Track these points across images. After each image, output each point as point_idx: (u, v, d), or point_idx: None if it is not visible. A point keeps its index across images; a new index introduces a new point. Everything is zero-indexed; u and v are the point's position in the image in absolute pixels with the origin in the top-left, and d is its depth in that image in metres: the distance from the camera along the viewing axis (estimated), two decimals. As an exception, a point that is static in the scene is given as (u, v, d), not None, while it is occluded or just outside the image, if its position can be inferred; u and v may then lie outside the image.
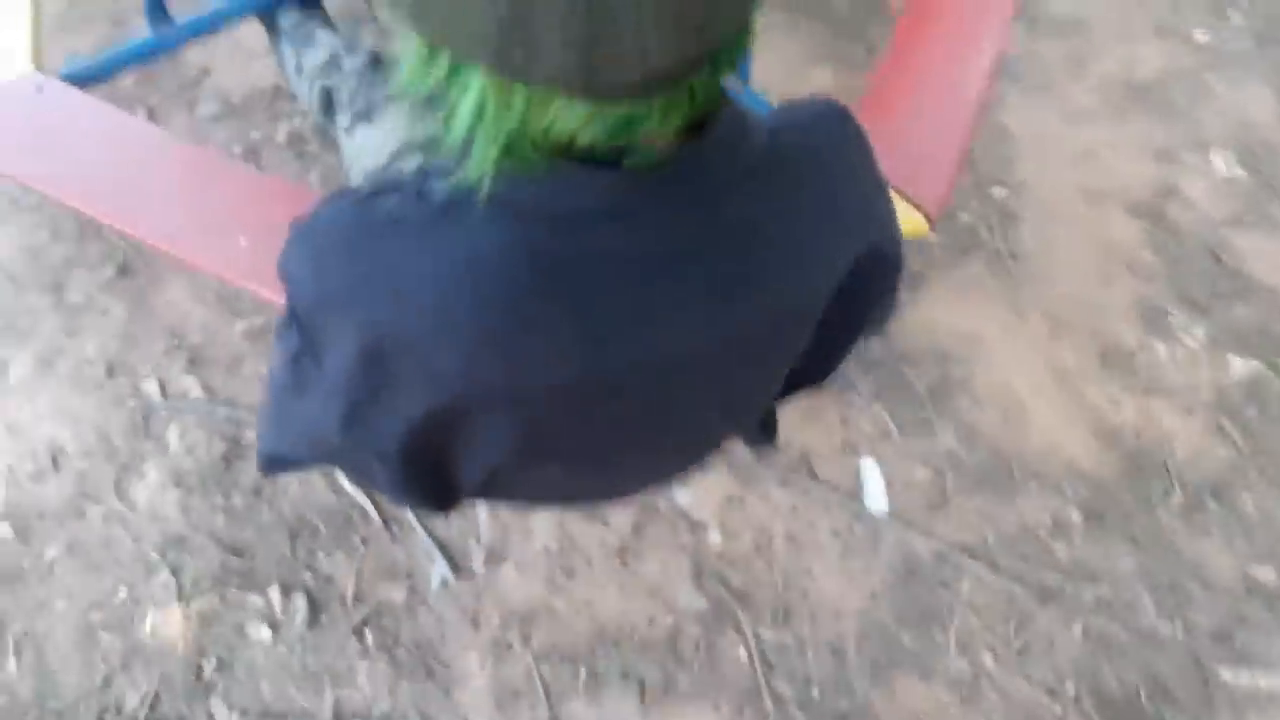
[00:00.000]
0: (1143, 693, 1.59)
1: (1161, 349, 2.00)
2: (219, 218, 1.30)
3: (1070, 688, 1.60)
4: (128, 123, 1.40)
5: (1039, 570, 1.70)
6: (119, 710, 1.44)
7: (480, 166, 0.57)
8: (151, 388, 1.71)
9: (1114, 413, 1.91)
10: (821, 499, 1.74)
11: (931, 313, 2.01)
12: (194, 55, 2.17)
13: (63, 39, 2.16)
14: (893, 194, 1.42)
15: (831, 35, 2.42)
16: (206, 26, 1.53)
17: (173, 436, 1.67)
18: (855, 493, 1.77)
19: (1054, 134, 2.34)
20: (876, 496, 1.77)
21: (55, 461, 1.64)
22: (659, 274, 0.64)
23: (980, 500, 1.78)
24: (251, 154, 2.03)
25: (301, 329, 0.71)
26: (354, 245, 0.64)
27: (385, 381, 0.70)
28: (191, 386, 1.71)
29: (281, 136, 2.05)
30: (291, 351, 0.75)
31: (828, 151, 0.71)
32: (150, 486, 1.62)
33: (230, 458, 1.66)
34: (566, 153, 0.58)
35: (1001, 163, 2.27)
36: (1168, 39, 2.60)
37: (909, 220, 1.42)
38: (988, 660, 1.63)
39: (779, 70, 2.31)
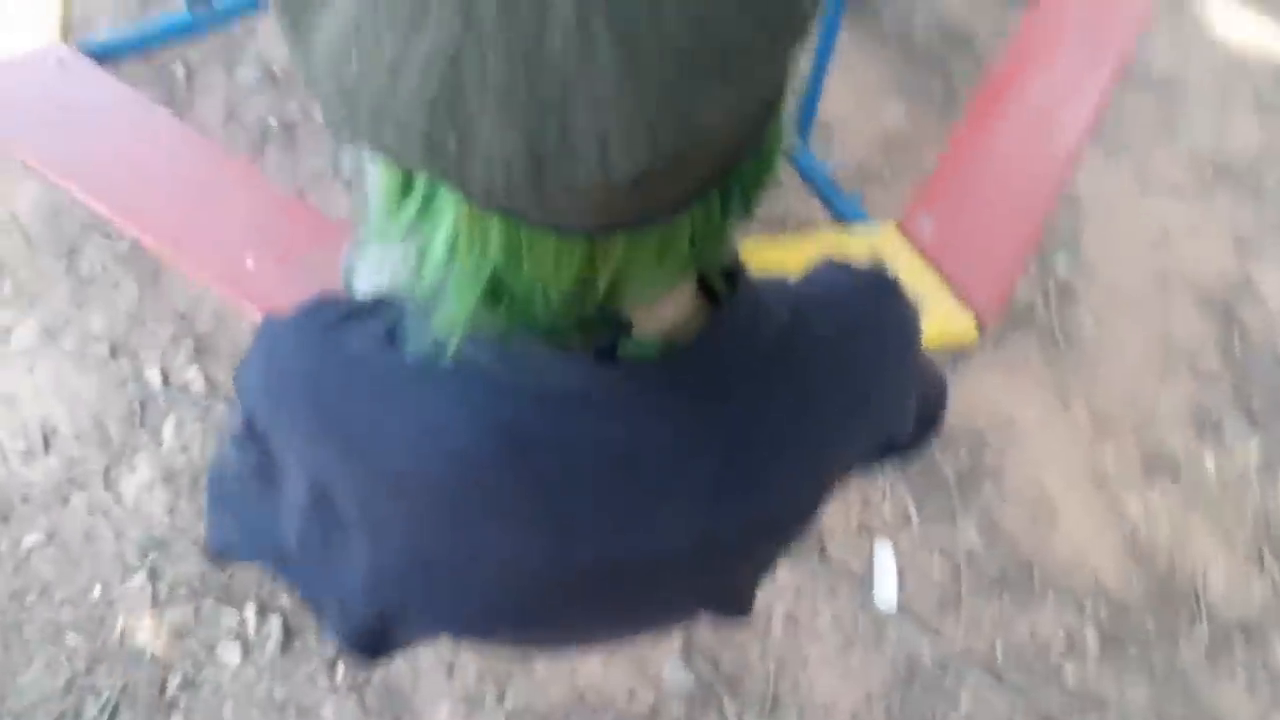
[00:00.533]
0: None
1: (1210, 461, 1.90)
2: (228, 232, 1.23)
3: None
4: (148, 111, 1.33)
5: (1045, 690, 1.62)
6: (77, 716, 1.41)
7: (455, 318, 0.48)
8: (153, 374, 1.66)
9: (1149, 527, 1.81)
10: (828, 582, 1.67)
11: (971, 388, 1.92)
12: (243, 13, 2.08)
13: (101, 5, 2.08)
14: (944, 292, 1.34)
15: (908, 66, 2.29)
16: (243, 8, 1.45)
17: (168, 430, 1.62)
18: (865, 579, 1.69)
19: (1129, 205, 2.21)
20: (886, 587, 1.70)
21: (47, 442, 1.59)
22: (646, 469, 0.57)
23: (995, 605, 1.70)
24: (286, 129, 1.95)
25: (259, 446, 0.66)
26: (311, 383, 0.59)
27: (336, 525, 0.66)
28: (194, 378, 1.66)
29: (319, 114, 1.97)
30: (250, 464, 0.71)
31: (862, 343, 0.62)
32: (139, 481, 1.58)
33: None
34: (553, 335, 0.50)
35: (1067, 230, 2.15)
36: (1268, 115, 2.45)
37: (957, 324, 1.33)
38: (979, 781, 1.56)
39: (848, 100, 2.19)
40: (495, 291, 0.46)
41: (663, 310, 0.53)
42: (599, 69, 0.35)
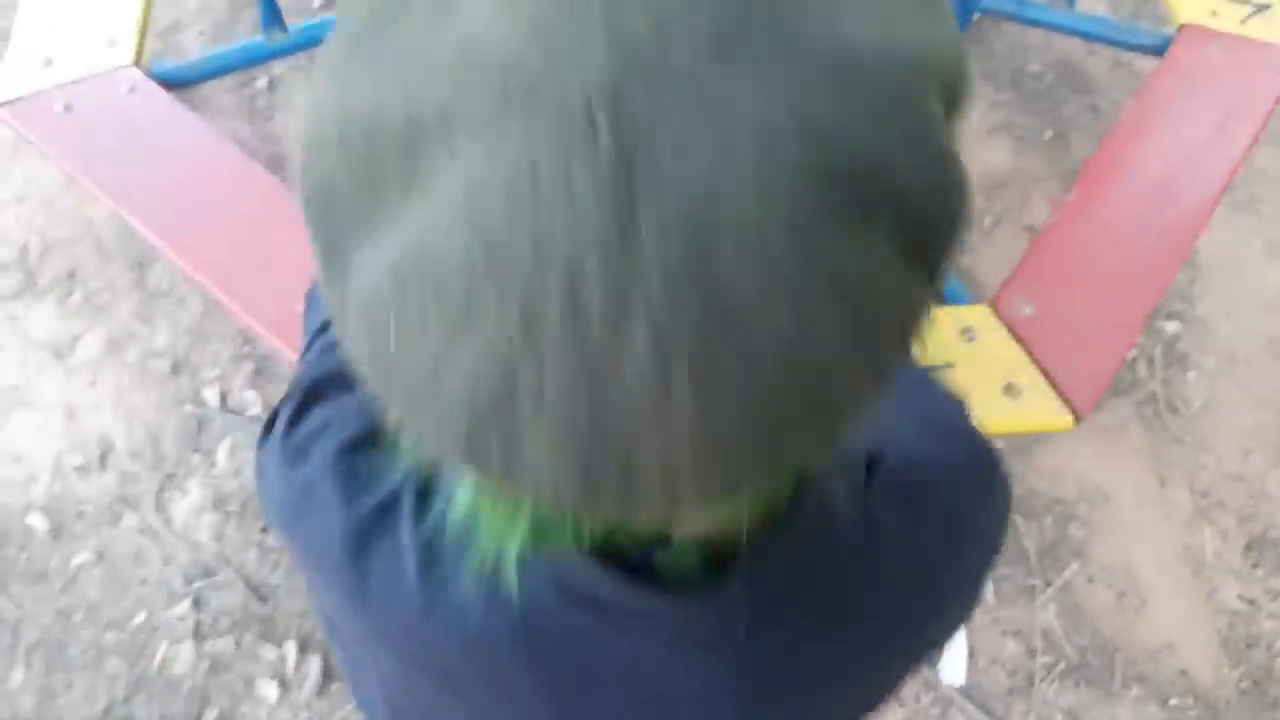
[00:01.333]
0: None
1: (1323, 552, 1.75)
2: (283, 276, 1.20)
3: None
4: (214, 144, 1.31)
5: (1120, 794, 1.52)
6: (114, 744, 1.42)
7: (482, 553, 0.44)
8: (212, 395, 1.65)
9: (1249, 621, 1.68)
10: (890, 658, 1.58)
11: (1060, 454, 1.80)
12: (327, 22, 2.08)
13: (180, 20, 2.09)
14: (1039, 380, 1.24)
15: (1019, 105, 2.17)
16: (322, 38, 1.42)
17: (222, 453, 1.61)
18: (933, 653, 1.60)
19: (1252, 267, 2.05)
20: (954, 668, 1.60)
21: (103, 457, 1.60)
22: (666, 699, 0.51)
23: (1070, 695, 1.59)
24: (363, 145, 1.93)
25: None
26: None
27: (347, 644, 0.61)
28: (252, 402, 1.65)
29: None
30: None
31: (946, 557, 0.54)
32: (190, 504, 1.58)
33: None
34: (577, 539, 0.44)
35: (1181, 290, 2.01)
36: None
37: (1051, 415, 1.23)
38: None
39: (948, 137, 2.08)
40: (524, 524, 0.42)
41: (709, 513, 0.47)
42: (674, 407, 0.29)
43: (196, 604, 1.51)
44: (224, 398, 1.66)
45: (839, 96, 0.29)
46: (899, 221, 0.31)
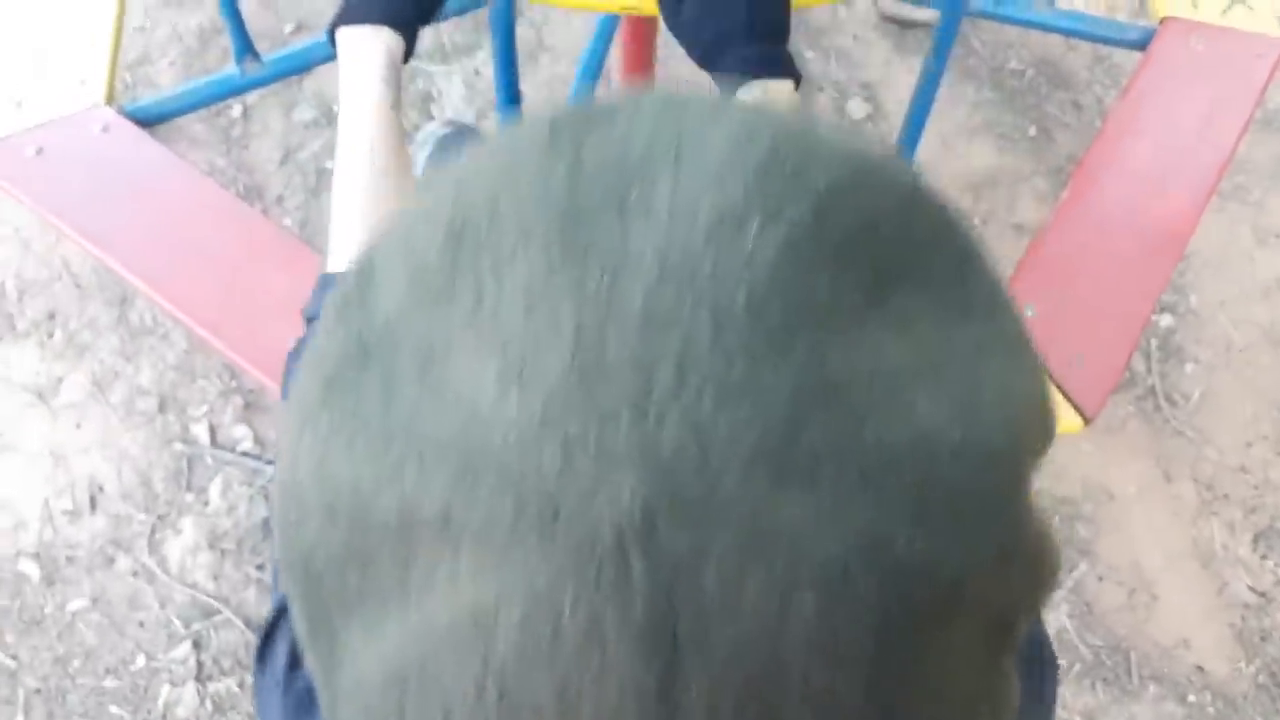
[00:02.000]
0: None
1: (1331, 540, 1.76)
2: (266, 310, 1.19)
3: None
4: (192, 181, 1.30)
5: (1142, 795, 1.51)
6: (117, 795, 1.39)
7: None
8: (201, 431, 1.64)
9: (1261, 613, 1.68)
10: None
11: (1064, 454, 1.80)
12: (302, 48, 2.06)
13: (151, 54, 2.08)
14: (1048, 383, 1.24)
15: (1001, 105, 2.18)
16: (296, 67, 1.41)
17: (214, 491, 1.59)
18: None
19: (1243, 256, 2.06)
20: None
21: (93, 501, 1.58)
22: None
23: (1088, 696, 1.59)
24: (345, 171, 1.92)
25: None
26: None
27: None
28: (243, 437, 1.63)
29: None
30: None
31: None
32: (185, 544, 1.56)
33: (271, 525, 1.57)
34: None
35: (1173, 282, 2.01)
36: (1398, 149, 2.27)
37: (1061, 416, 1.22)
38: None
39: (933, 140, 2.09)
40: None
41: None
42: None
43: (197, 645, 1.49)
44: (213, 434, 1.64)
45: (920, 516, 0.25)
46: (985, 621, 0.28)
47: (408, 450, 0.25)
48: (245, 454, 1.62)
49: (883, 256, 0.27)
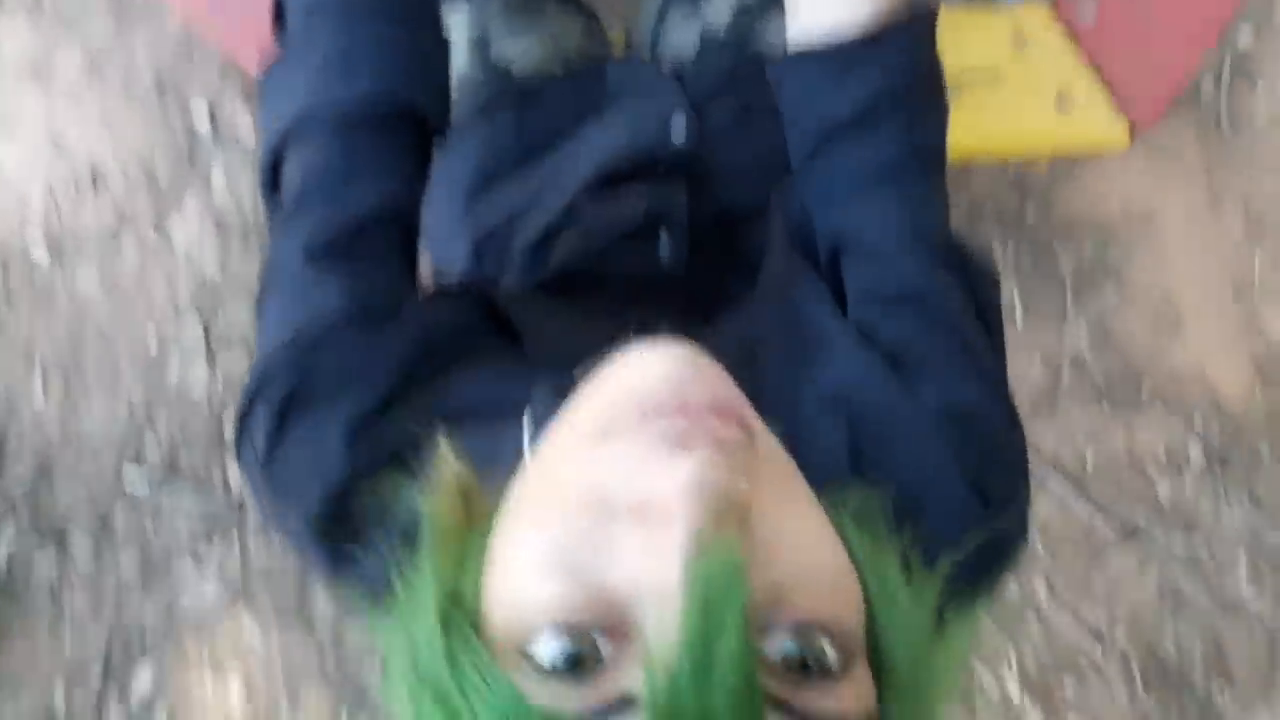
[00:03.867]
0: (1199, 662, 1.51)
1: (1377, 276, 1.71)
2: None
3: (1120, 637, 1.52)
4: None
5: (1132, 505, 1.57)
6: (139, 459, 1.49)
7: None
8: (201, 115, 1.61)
9: (1287, 345, 1.66)
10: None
11: (1109, 177, 1.73)
12: None
13: None
14: (1096, 90, 1.15)
15: None
16: None
17: (217, 174, 1.59)
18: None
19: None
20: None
21: (95, 184, 1.59)
22: None
23: (1093, 414, 1.62)
24: None
25: None
26: None
27: None
28: (244, 122, 1.61)
29: None
30: None
31: None
32: (189, 225, 1.57)
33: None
34: None
35: (1261, -7, 1.85)
36: None
37: (1107, 129, 1.16)
38: (1040, 590, 1.55)
39: None
40: None
41: None
42: None
43: (206, 322, 1.54)
44: (214, 116, 1.61)
45: None
46: None
47: None
48: (247, 139, 1.60)
49: None
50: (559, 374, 0.50)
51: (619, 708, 0.32)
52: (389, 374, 0.56)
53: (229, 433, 1.48)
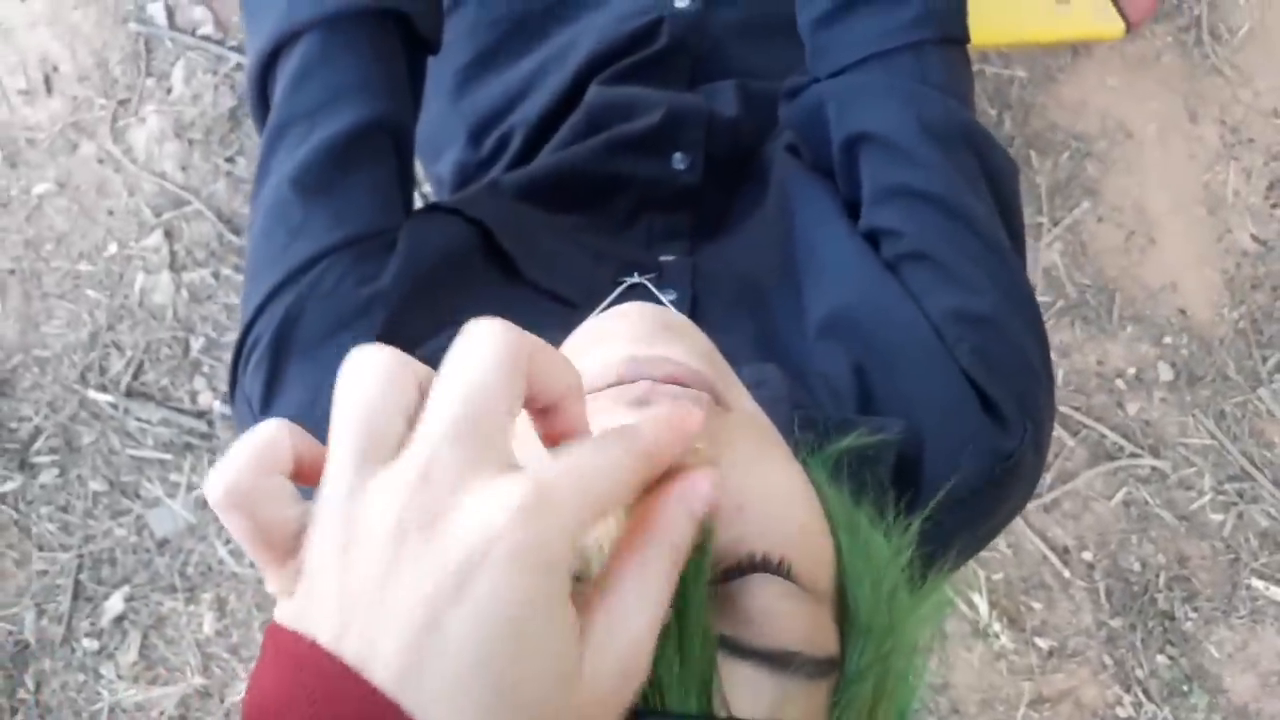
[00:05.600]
0: (1162, 578, 1.57)
1: (1349, 191, 1.73)
2: None
3: (1088, 555, 1.57)
4: None
5: (1101, 425, 1.61)
6: (103, 371, 1.48)
7: None
8: (158, 10, 1.56)
9: (1258, 261, 1.70)
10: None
11: (1088, 87, 1.73)
12: None
13: None
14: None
15: None
16: None
17: (177, 77, 1.55)
18: (925, 294, 1.63)
19: None
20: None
21: (48, 82, 1.54)
22: None
23: (1064, 332, 1.64)
24: None
25: None
26: None
27: None
28: (203, 19, 1.56)
29: None
30: None
31: None
32: (149, 132, 1.53)
33: (239, 116, 1.54)
34: None
35: (1248, -103, 1.83)
36: None
37: (1100, 20, 1.17)
38: (1011, 503, 1.59)
39: None
40: None
41: None
42: None
43: (168, 235, 1.51)
44: (171, 14, 1.56)
45: None
46: None
47: None
48: (206, 38, 1.55)
49: None
50: (558, 301, 0.49)
51: None
52: (384, 310, 0.55)
53: (196, 347, 1.47)
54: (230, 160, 1.54)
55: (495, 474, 0.25)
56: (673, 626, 0.29)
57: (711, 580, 0.32)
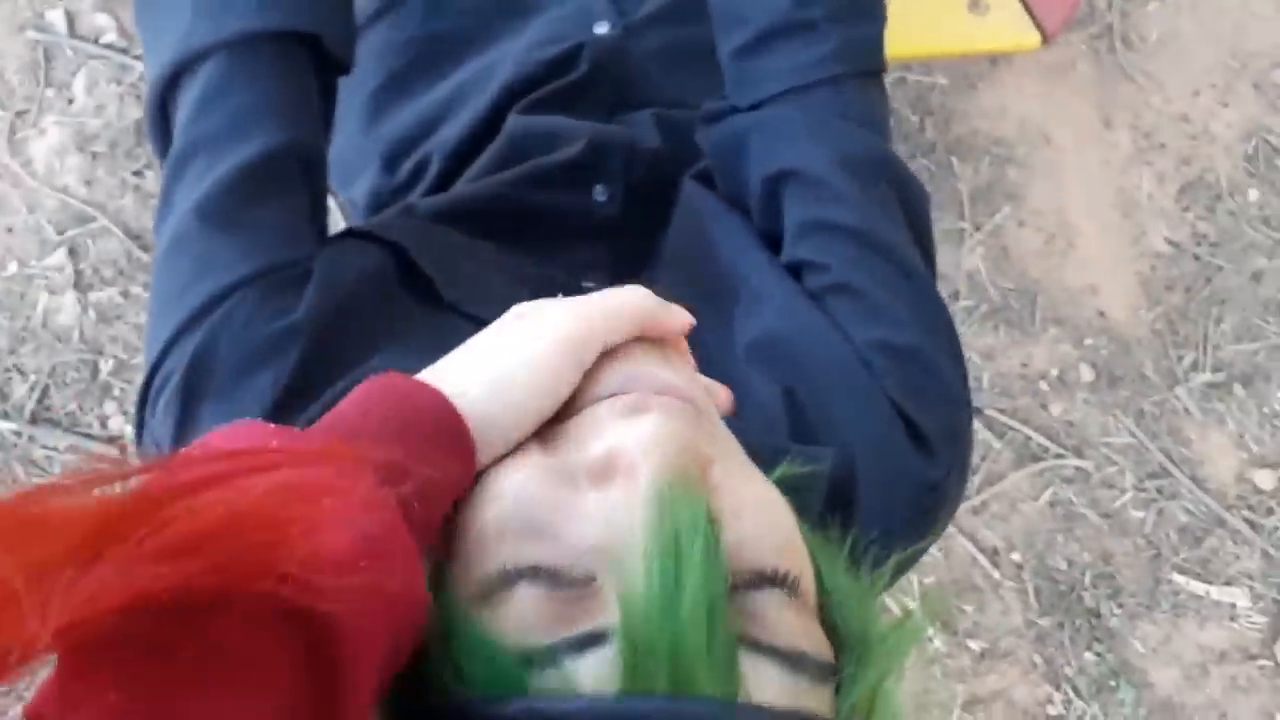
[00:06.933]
0: (1088, 576, 1.61)
1: (1254, 196, 1.80)
2: None
3: (1016, 556, 1.60)
4: None
5: (1026, 427, 1.64)
6: (5, 397, 1.41)
7: None
8: (57, 18, 1.50)
9: (1171, 264, 1.75)
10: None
11: (1007, 93, 1.77)
12: None
13: None
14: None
15: None
16: None
17: (79, 87, 1.49)
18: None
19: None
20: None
21: (-61, 94, 1.47)
22: None
23: (988, 336, 1.68)
24: None
25: None
26: None
27: None
28: (107, 27, 1.51)
29: None
30: None
31: None
32: (50, 145, 1.48)
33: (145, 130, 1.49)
34: None
35: (1154, -91, 1.89)
36: None
37: (1018, 33, 1.19)
38: (941, 507, 1.61)
39: None
40: None
41: None
42: None
43: (73, 253, 1.45)
44: (71, 22, 1.50)
45: None
46: None
47: None
48: (109, 46, 1.50)
49: None
50: (479, 324, 0.48)
51: (588, 642, 0.33)
52: (300, 343, 0.52)
53: (106, 369, 1.42)
54: (138, 174, 1.48)
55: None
56: (700, 620, 0.32)
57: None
